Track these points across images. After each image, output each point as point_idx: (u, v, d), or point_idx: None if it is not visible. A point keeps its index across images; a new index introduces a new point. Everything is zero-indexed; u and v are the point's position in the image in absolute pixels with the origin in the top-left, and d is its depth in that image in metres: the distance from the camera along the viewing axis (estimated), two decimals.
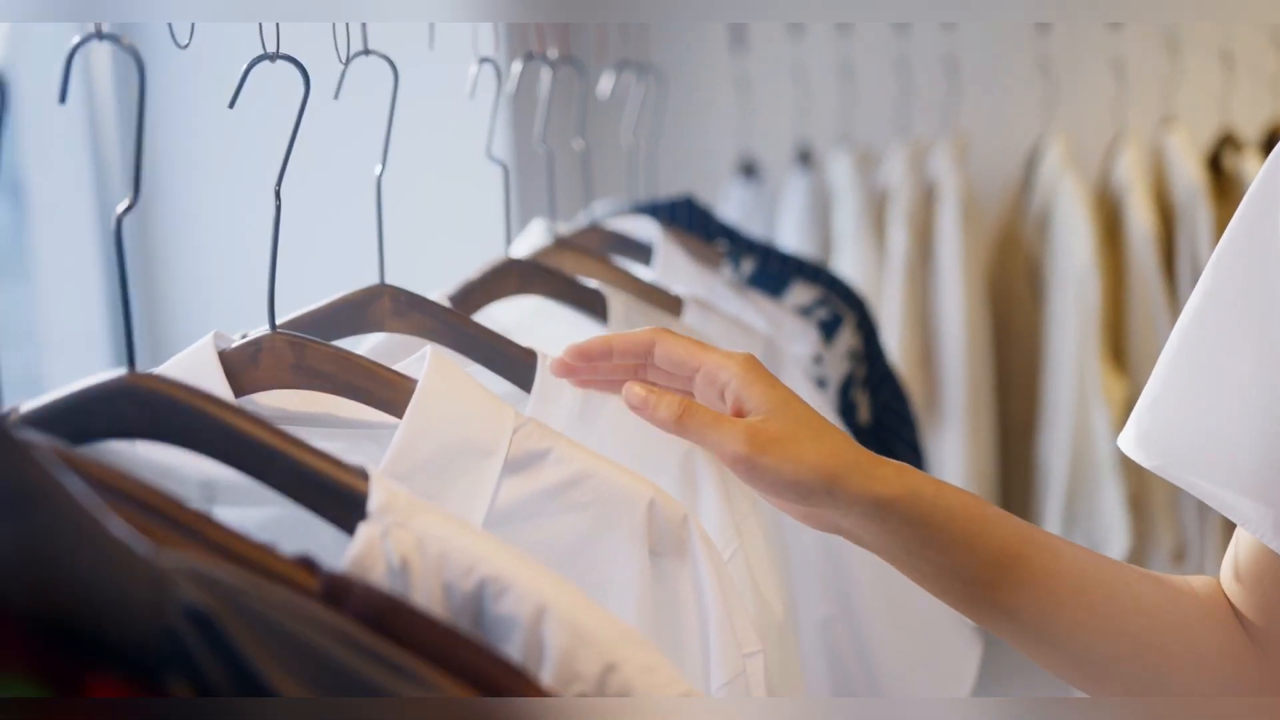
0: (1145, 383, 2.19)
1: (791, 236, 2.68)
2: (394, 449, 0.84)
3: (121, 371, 0.73)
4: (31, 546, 0.45)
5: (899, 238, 2.58)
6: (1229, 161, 2.70)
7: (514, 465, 0.85)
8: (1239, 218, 0.89)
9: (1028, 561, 0.92)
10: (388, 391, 0.89)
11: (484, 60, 1.16)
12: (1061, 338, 2.55)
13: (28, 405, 0.72)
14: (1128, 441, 0.95)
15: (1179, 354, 0.92)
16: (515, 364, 1.01)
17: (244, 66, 0.83)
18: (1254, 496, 0.86)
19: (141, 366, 0.73)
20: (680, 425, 0.89)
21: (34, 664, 0.43)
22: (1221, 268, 0.90)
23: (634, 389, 0.90)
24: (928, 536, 0.91)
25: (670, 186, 1.94)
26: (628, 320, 1.26)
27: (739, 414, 0.91)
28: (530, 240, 1.39)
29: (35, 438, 0.57)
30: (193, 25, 0.80)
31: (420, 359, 0.89)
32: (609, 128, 1.85)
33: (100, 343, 2.25)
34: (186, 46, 0.77)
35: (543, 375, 0.99)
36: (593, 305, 1.26)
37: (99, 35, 0.73)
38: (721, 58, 2.86)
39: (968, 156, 2.69)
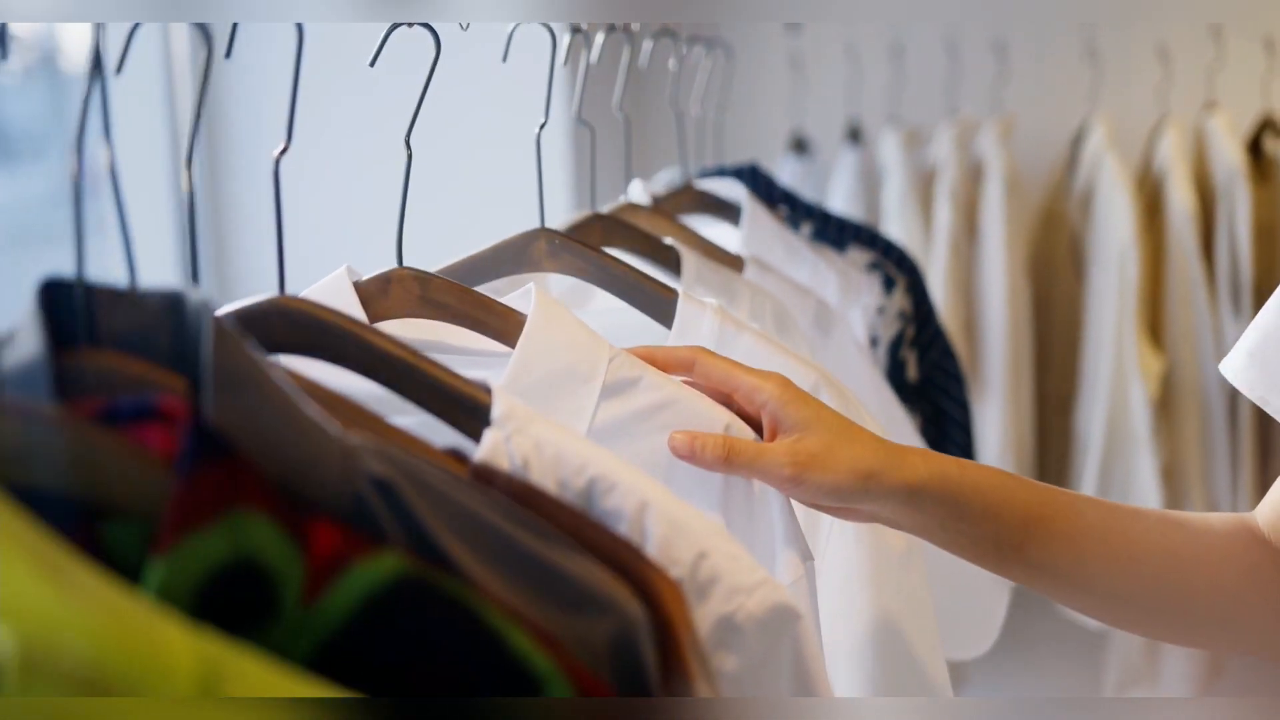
0: (1182, 358, 2.32)
1: (840, 211, 2.76)
2: (509, 373, 0.95)
3: (272, 294, 0.83)
4: (245, 420, 0.54)
5: (945, 213, 2.66)
6: (1269, 145, 2.77)
7: (610, 390, 0.96)
8: None
9: (1050, 521, 1.03)
10: (500, 322, 0.99)
11: (577, 31, 1.25)
12: (1101, 313, 2.62)
13: None
14: (1233, 371, 1.09)
15: None
16: (657, 300, 1.11)
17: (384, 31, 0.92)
18: None
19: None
20: (728, 465, 0.95)
21: (270, 508, 0.50)
22: None
23: (678, 438, 0.95)
24: (959, 511, 1.00)
25: (725, 159, 2.03)
26: (699, 276, 1.35)
27: (776, 431, 0.98)
28: (630, 199, 1.49)
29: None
30: None
31: (524, 295, 1.00)
32: (660, 98, 1.94)
33: None
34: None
35: (683, 310, 1.09)
36: (667, 261, 1.36)
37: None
38: (776, 37, 2.94)
39: (1013, 136, 2.77)
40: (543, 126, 1.11)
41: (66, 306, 0.50)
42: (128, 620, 0.38)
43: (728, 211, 1.62)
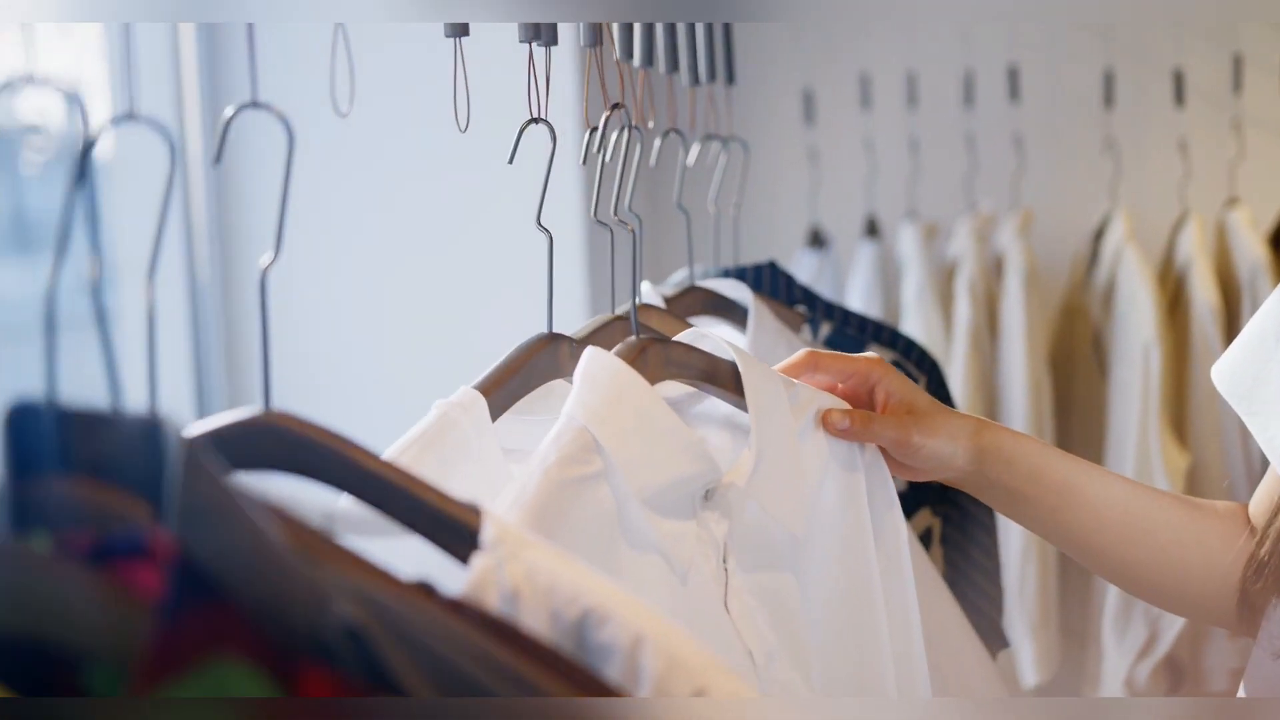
0: (1207, 455, 2.43)
1: (858, 305, 2.73)
2: (752, 411, 1.10)
3: (258, 409, 0.78)
4: (212, 556, 0.50)
5: (965, 308, 2.63)
6: None
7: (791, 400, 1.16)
8: None
9: (1082, 490, 1.22)
10: (711, 365, 1.14)
11: (593, 130, 1.23)
12: (1125, 409, 2.58)
13: None
14: (1218, 375, 1.25)
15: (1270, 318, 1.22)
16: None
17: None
18: None
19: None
20: (863, 431, 1.16)
21: (252, 653, 0.48)
22: None
23: (834, 417, 1.15)
24: (1011, 470, 1.21)
25: (743, 255, 2.00)
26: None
27: (886, 404, 1.19)
28: (643, 300, 1.47)
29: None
30: (351, 93, 0.87)
31: (696, 337, 1.16)
32: (668, 195, 1.93)
33: (182, 396, 2.35)
34: (346, 115, 0.85)
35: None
36: None
37: (254, 104, 0.79)
38: (793, 130, 2.94)
39: (1032, 230, 2.75)
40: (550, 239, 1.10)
41: (34, 432, 0.47)
42: None
43: (734, 312, 1.60)
